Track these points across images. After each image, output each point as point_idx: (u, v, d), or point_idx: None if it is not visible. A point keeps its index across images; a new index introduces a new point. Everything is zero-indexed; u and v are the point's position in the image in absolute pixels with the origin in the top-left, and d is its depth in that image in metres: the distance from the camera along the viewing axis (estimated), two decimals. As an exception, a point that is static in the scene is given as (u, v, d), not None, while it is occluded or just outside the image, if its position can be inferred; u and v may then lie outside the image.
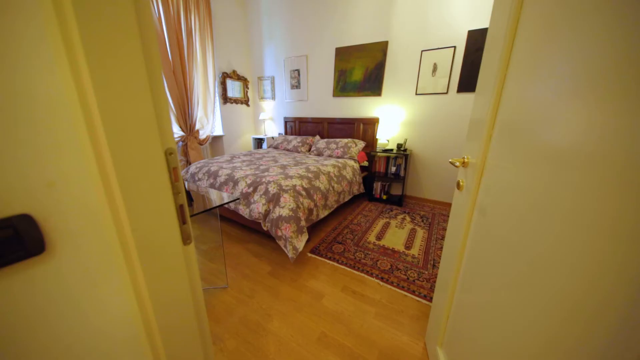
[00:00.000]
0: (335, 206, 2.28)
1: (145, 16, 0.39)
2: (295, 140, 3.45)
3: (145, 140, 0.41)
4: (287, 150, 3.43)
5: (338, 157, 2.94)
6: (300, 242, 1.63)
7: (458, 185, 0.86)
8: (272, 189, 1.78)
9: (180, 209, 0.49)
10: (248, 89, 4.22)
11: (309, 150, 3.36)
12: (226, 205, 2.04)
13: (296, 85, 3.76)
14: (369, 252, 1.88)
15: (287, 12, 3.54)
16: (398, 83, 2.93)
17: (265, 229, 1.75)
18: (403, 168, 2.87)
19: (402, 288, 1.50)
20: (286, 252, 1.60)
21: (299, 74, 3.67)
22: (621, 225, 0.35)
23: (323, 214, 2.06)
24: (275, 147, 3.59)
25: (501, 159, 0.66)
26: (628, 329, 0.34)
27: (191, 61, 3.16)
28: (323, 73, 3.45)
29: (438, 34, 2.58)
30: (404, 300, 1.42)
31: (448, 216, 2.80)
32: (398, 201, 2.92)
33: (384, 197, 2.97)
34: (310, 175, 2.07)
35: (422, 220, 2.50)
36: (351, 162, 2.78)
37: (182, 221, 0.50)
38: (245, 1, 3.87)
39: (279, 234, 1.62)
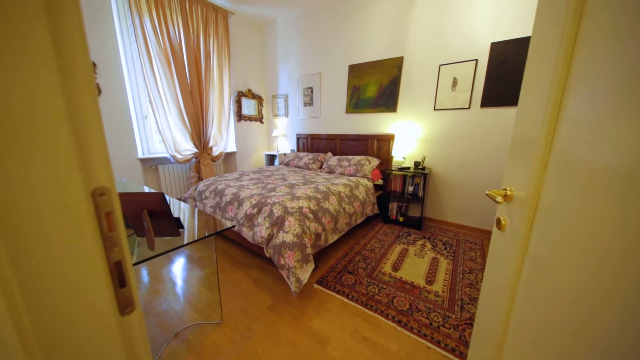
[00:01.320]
0: (346, 229, 2.09)
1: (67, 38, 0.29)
2: (306, 157, 3.36)
3: (54, 179, 0.29)
4: (298, 167, 3.34)
5: (350, 175, 2.78)
6: (305, 273, 1.45)
7: (498, 224, 0.67)
8: (277, 211, 1.65)
9: (116, 268, 0.36)
10: (262, 106, 4.28)
11: (320, 167, 3.24)
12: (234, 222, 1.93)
13: (309, 103, 3.74)
14: (384, 286, 1.64)
15: (301, 33, 3.61)
16: (414, 98, 2.79)
17: (267, 255, 1.60)
18: (421, 188, 2.64)
19: (425, 337, 1.25)
20: (289, 283, 1.43)
21: (312, 92, 3.67)
22: None
23: (332, 238, 1.88)
24: (287, 164, 3.52)
25: (565, 192, 0.48)
26: None
27: (208, 81, 3.26)
28: (336, 90, 3.41)
29: (457, 47, 2.45)
30: (427, 354, 1.17)
31: (475, 244, 2.51)
32: (416, 224, 2.66)
33: (401, 219, 2.73)
34: (319, 195, 1.93)
35: (445, 248, 2.22)
36: (364, 181, 2.61)
37: (120, 283, 0.37)
38: (263, 25, 4.03)
39: (282, 262, 1.46)
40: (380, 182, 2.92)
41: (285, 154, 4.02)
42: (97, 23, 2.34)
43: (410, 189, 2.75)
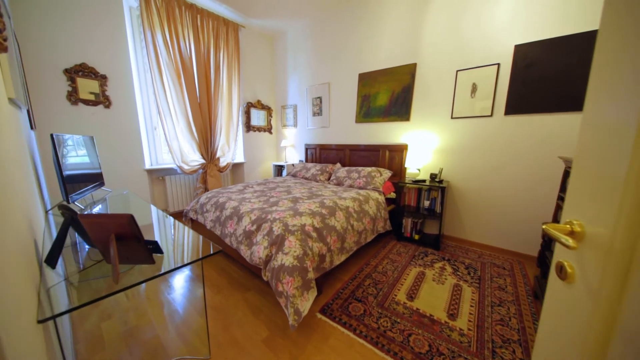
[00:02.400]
0: (354, 249, 1.90)
1: None
2: (314, 168, 3.23)
3: None
4: (305, 178, 3.21)
5: (360, 188, 2.60)
6: (306, 303, 1.27)
7: (560, 271, 0.47)
8: (277, 229, 1.50)
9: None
10: (272, 117, 4.26)
11: (329, 179, 3.09)
12: (228, 242, 1.80)
13: (318, 112, 3.66)
14: (398, 320, 1.42)
15: (310, 43, 3.59)
16: (429, 107, 2.60)
17: (265, 279, 1.44)
18: (439, 203, 2.40)
19: (449, 393, 1.01)
20: (287, 314, 1.25)
21: (320, 101, 3.58)
22: None
23: (338, 260, 1.69)
24: (294, 175, 3.40)
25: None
26: None
27: (217, 93, 3.27)
28: (345, 99, 3.30)
29: (476, 51, 2.27)
30: (454, 418, 0.93)
31: (503, 268, 2.17)
32: (434, 243, 2.40)
33: (416, 237, 2.48)
34: (324, 211, 1.76)
35: (469, 273, 1.95)
36: (375, 194, 2.42)
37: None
38: (274, 37, 4.07)
39: (280, 289, 1.29)
40: (392, 195, 2.71)
41: (293, 165, 3.92)
42: (110, 38, 2.40)
43: (426, 203, 2.52)
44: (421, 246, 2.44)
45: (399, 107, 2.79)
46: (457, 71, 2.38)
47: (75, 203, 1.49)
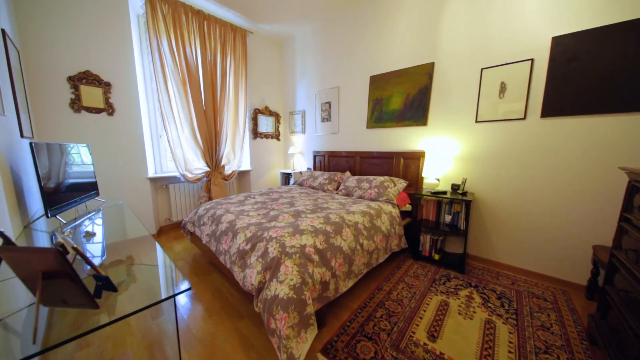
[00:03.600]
0: (364, 271, 1.65)
1: None
2: (321, 177, 3.02)
3: None
4: (312, 188, 3.00)
5: (371, 200, 2.35)
6: (302, 345, 1.04)
7: None
8: (272, 250, 1.29)
9: None
10: (280, 123, 4.13)
11: (337, 188, 2.86)
12: (222, 261, 1.62)
13: (327, 118, 3.48)
14: (417, 368, 1.15)
15: (319, 47, 3.45)
16: (450, 110, 2.34)
17: (257, 310, 1.23)
18: (463, 218, 2.10)
19: None
20: (279, 358, 1.03)
21: (329, 107, 3.41)
22: None
23: (345, 286, 1.45)
24: (300, 184, 3.21)
25: None
26: None
27: (223, 100, 3.18)
28: (356, 104, 3.10)
29: (505, 46, 2.00)
30: None
31: (545, 300, 1.72)
32: (458, 264, 2.09)
33: (436, 256, 2.18)
34: (328, 228, 1.54)
35: (502, 304, 1.63)
36: (388, 207, 2.16)
37: None
38: (282, 42, 3.98)
39: (272, 326, 1.07)
40: (408, 208, 2.43)
41: (301, 173, 3.74)
42: (115, 45, 2.37)
43: (448, 218, 2.22)
44: (442, 267, 2.13)
45: (415, 110, 2.54)
46: (482, 69, 2.11)
47: (57, 217, 1.37)
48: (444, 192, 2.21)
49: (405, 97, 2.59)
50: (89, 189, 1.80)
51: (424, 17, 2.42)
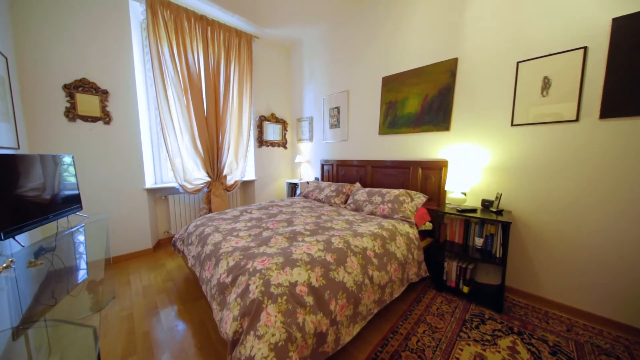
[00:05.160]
0: (375, 311, 1.33)
1: None
2: (328, 189, 2.73)
3: None
4: (318, 200, 2.72)
5: (384, 217, 2.02)
6: None
7: None
8: (254, 289, 1.01)
9: None
10: (287, 131, 3.94)
11: (345, 201, 2.56)
12: (204, 290, 1.37)
13: (335, 125, 3.22)
14: None
15: (328, 49, 3.25)
16: (477, 112, 1.99)
17: (231, 369, 0.95)
18: (499, 242, 1.71)
19: None
20: None
21: (338, 112, 3.15)
22: None
23: (349, 334, 1.14)
24: (306, 196, 2.94)
25: None
26: None
27: (226, 107, 3.04)
28: (367, 108, 2.82)
29: (547, 33, 1.65)
30: None
31: (617, 358, 1.19)
32: (493, 300, 1.69)
33: (465, 289, 1.79)
34: (329, 258, 1.24)
35: (562, 366, 1.23)
36: (404, 227, 1.82)
37: None
38: (289, 47, 3.84)
39: (244, 402, 0.78)
40: (428, 226, 2.08)
41: (307, 183, 3.49)
42: (114, 52, 2.29)
43: (478, 242, 1.83)
44: (473, 303, 1.74)
45: (435, 114, 2.21)
46: (518, 63, 1.76)
47: (16, 239, 1.20)
48: (474, 210, 1.83)
49: (423, 98, 2.27)
50: (70, 202, 1.65)
51: (445, 7, 2.12)
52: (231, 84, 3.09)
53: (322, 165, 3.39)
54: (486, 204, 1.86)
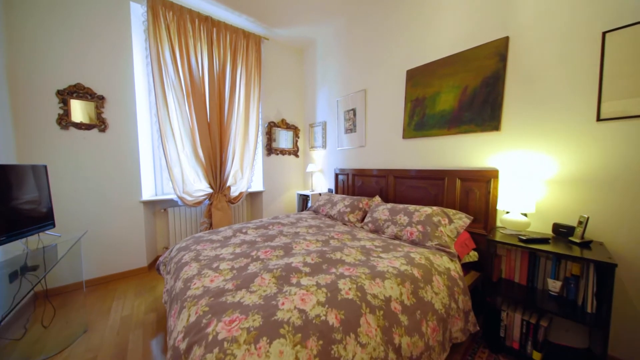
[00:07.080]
0: (404, 400, 0.86)
1: None
2: (341, 203, 2.31)
3: None
4: (330, 217, 2.31)
5: (412, 243, 1.55)
6: None
7: None
8: (208, 378, 0.63)
9: None
10: (299, 137, 3.63)
11: (362, 219, 2.12)
12: (168, 344, 1.01)
13: (351, 129, 2.83)
14: None
15: (343, 47, 2.92)
16: (540, 105, 1.48)
17: None
18: (590, 290, 1.16)
19: None
20: None
21: (354, 114, 2.77)
22: None
23: None
24: (315, 211, 2.55)
25: None
26: None
27: (231, 113, 2.81)
28: (388, 108, 2.40)
29: (658, -15, 1.14)
30: None
31: None
32: (585, 379, 1.12)
33: (536, 355, 1.24)
34: (332, 318, 0.82)
35: None
36: (443, 262, 1.34)
37: None
38: (301, 48, 3.58)
39: None
40: (473, 256, 1.57)
41: (320, 194, 3.10)
42: (111, 57, 2.16)
43: (554, 285, 1.28)
44: (552, 380, 1.18)
45: (478, 109, 1.73)
46: (605, 33, 1.26)
47: None
48: (546, 241, 1.30)
49: (462, 91, 1.81)
50: (38, 220, 1.43)
51: (487, -23, 1.68)
52: (237, 89, 2.87)
53: (337, 175, 2.99)
54: (560, 231, 1.33)
